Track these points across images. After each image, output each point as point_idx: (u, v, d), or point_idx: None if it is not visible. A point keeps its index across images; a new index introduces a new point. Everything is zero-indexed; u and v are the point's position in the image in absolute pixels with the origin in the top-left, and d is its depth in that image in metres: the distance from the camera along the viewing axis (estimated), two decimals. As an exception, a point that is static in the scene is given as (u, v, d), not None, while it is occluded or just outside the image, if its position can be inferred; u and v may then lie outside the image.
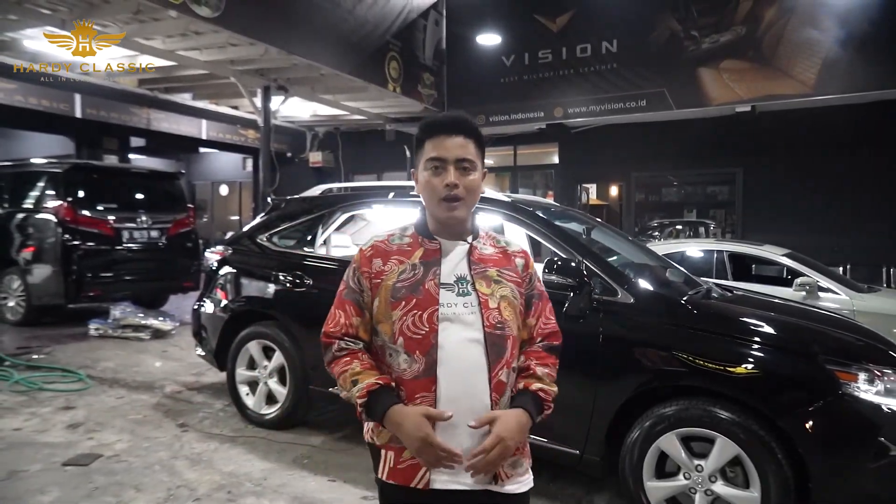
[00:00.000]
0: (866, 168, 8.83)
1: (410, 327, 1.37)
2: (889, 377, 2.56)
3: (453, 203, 1.39)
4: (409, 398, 1.36)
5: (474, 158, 1.42)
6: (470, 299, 1.41)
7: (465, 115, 1.46)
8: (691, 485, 2.68)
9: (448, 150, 1.39)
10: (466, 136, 1.42)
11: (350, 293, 1.47)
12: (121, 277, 7.40)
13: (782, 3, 8.40)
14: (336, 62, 8.60)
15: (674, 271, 3.69)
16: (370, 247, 1.48)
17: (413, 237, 1.48)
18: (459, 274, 1.43)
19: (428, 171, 1.41)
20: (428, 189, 1.41)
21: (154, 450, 3.66)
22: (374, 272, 1.43)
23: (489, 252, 1.50)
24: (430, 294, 1.38)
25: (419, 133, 1.46)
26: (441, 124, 1.43)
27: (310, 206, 4.44)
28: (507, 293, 1.45)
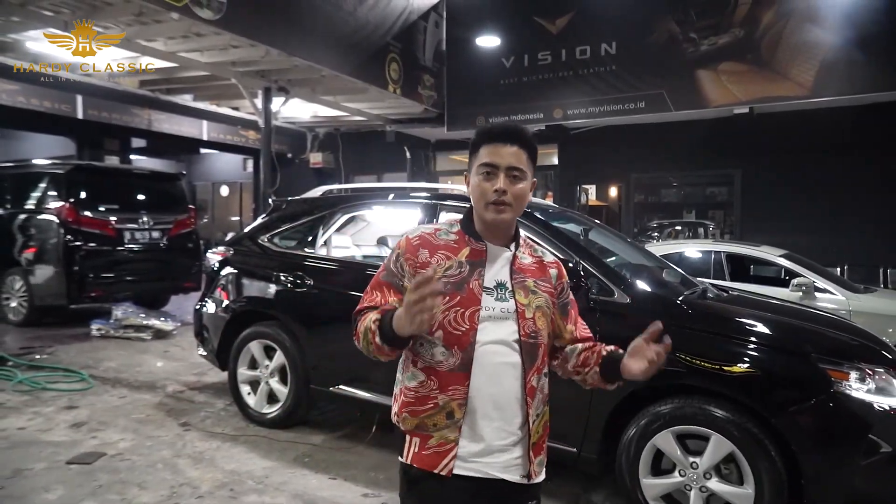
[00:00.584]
0: (863, 170, 8.87)
1: (452, 323, 1.42)
2: (881, 376, 2.61)
3: (501, 207, 1.45)
4: (442, 389, 1.42)
5: (525, 168, 1.47)
6: (507, 306, 1.46)
7: (521, 126, 1.51)
8: (686, 482, 2.73)
9: (501, 157, 1.44)
10: (521, 146, 1.47)
11: (389, 276, 1.52)
12: (122, 278, 7.45)
13: (780, 5, 8.44)
14: (337, 64, 8.64)
15: (670, 272, 3.73)
16: (417, 236, 1.52)
17: (459, 234, 1.53)
18: (500, 280, 1.48)
19: (480, 175, 1.46)
20: (478, 192, 1.47)
21: (157, 448, 3.71)
22: (420, 262, 1.47)
23: (528, 262, 1.55)
24: (473, 294, 1.44)
25: (475, 138, 1.51)
26: (498, 132, 1.48)
27: (311, 207, 4.49)
28: (541, 303, 1.52)
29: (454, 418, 1.43)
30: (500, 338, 1.45)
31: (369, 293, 1.53)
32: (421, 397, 1.44)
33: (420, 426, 1.44)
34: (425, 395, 1.44)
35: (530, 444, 1.49)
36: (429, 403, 1.43)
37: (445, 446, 1.43)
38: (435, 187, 4.66)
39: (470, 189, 1.51)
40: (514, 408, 1.46)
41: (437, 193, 3.94)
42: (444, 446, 1.43)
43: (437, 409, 1.43)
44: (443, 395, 1.42)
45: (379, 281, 1.54)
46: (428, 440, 1.44)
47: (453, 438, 1.43)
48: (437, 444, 1.43)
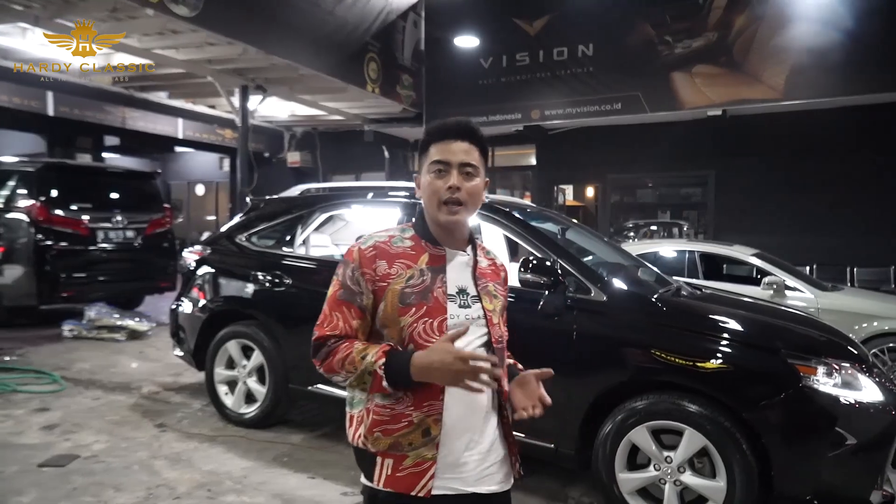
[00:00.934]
0: (832, 171, 9.10)
1: (422, 334, 1.36)
2: (847, 370, 2.69)
3: (455, 207, 1.39)
4: (417, 406, 1.35)
5: (478, 164, 1.42)
6: (471, 312, 1.42)
7: (471, 122, 1.45)
8: (661, 476, 2.78)
9: (453, 153, 1.39)
10: (472, 142, 1.42)
11: (347, 294, 1.41)
12: (95, 278, 7.31)
13: (752, 10, 8.62)
14: (315, 62, 8.60)
15: (646, 270, 3.79)
16: (371, 246, 1.42)
17: (414, 240, 1.46)
18: (461, 286, 1.44)
19: (431, 174, 1.41)
20: (429, 191, 1.41)
21: (133, 450, 3.66)
22: (380, 275, 1.39)
23: (485, 265, 1.53)
24: (438, 302, 1.38)
25: (425, 136, 1.45)
26: (447, 129, 1.42)
27: (289, 206, 4.47)
28: (500, 308, 1.51)
29: (430, 435, 1.36)
30: (470, 347, 1.39)
31: (328, 317, 1.41)
32: (395, 415, 1.36)
33: (394, 446, 1.36)
34: (399, 413, 1.36)
35: (505, 454, 1.48)
36: (403, 421, 1.36)
37: (423, 465, 1.36)
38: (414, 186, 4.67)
39: (421, 190, 1.45)
40: (489, 415, 1.44)
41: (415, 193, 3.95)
42: (421, 465, 1.36)
43: (412, 427, 1.35)
44: (418, 413, 1.35)
45: (336, 300, 1.41)
46: (403, 461, 1.36)
47: (431, 457, 1.36)
48: (414, 463, 1.36)
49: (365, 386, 1.34)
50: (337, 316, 1.40)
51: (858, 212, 8.94)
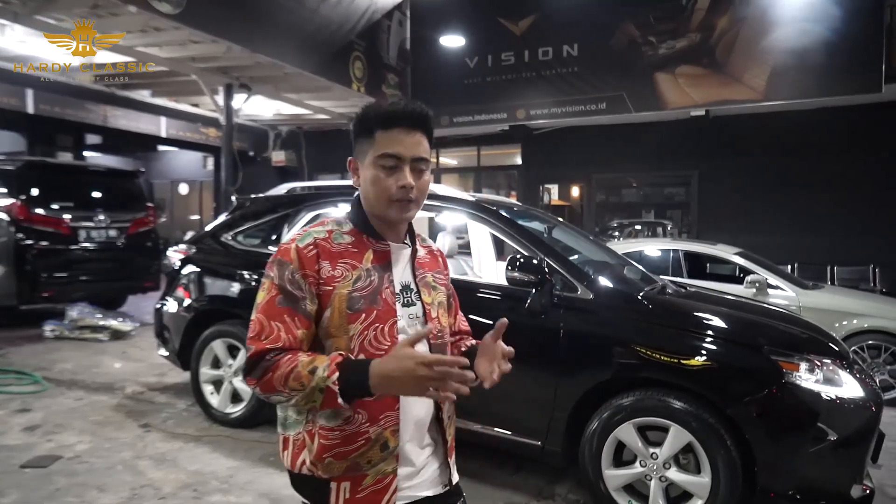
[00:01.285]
0: (812, 171, 9.24)
1: (373, 342, 1.24)
2: (828, 367, 2.73)
3: (406, 204, 1.27)
4: (373, 421, 1.23)
5: (428, 157, 1.30)
6: (415, 310, 1.32)
7: (424, 108, 1.30)
8: (647, 472, 2.81)
9: (406, 147, 1.25)
10: (423, 132, 1.29)
11: (288, 300, 1.23)
12: (77, 278, 7.21)
13: (734, 12, 8.73)
14: (300, 61, 8.55)
15: (631, 269, 3.83)
16: (311, 244, 1.26)
17: (354, 234, 1.31)
18: (405, 282, 1.33)
19: (379, 168, 1.26)
20: (378, 187, 1.26)
21: (116, 450, 3.62)
22: (324, 278, 1.24)
23: (423, 254, 1.42)
24: (388, 304, 1.27)
25: (371, 121, 1.27)
26: (399, 115, 1.26)
27: (274, 204, 4.44)
28: (442, 299, 1.41)
29: (389, 448, 1.25)
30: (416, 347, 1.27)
31: (266, 326, 1.21)
32: (349, 435, 1.23)
33: (351, 468, 1.24)
34: (354, 433, 1.23)
35: (447, 449, 1.39)
36: (359, 440, 1.23)
37: (384, 481, 1.26)
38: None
39: (363, 181, 1.30)
40: (431, 418, 1.35)
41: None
42: (382, 482, 1.25)
43: (370, 443, 1.24)
44: (375, 427, 1.23)
45: (275, 308, 1.22)
46: (362, 481, 1.25)
47: (391, 470, 1.26)
48: (374, 481, 1.25)
49: (313, 404, 1.16)
50: (277, 326, 1.21)
51: (838, 211, 9.09)
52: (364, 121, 1.29)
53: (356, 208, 1.34)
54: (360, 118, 1.30)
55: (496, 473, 3.47)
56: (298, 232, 1.32)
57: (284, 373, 1.16)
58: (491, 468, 3.52)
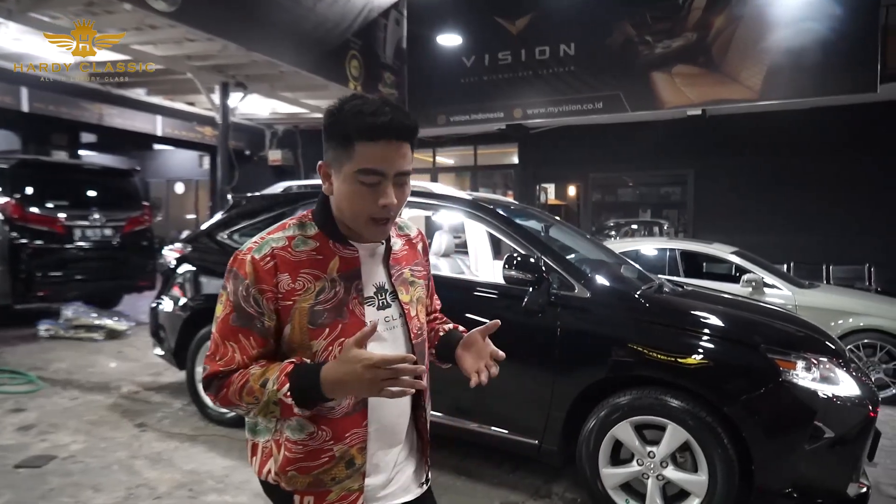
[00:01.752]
0: (808, 171, 9.26)
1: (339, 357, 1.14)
2: (824, 365, 2.74)
3: (385, 223, 1.17)
4: (338, 439, 1.17)
5: (411, 167, 1.17)
6: (391, 312, 1.24)
7: (412, 120, 1.15)
8: (644, 470, 2.81)
9: (390, 162, 1.11)
10: (409, 142, 1.15)
11: (243, 319, 1.14)
12: (72, 277, 7.18)
13: (730, 12, 8.73)
14: (296, 60, 8.53)
15: (628, 268, 3.83)
16: (268, 255, 1.15)
17: (319, 239, 1.20)
18: (378, 284, 1.24)
19: (358, 183, 1.12)
20: (356, 206, 1.14)
21: (112, 450, 3.61)
22: (283, 292, 1.14)
23: (399, 247, 1.32)
24: (355, 316, 1.18)
25: (350, 129, 1.11)
26: (384, 128, 1.10)
27: (271, 203, 4.43)
28: (420, 294, 1.33)
29: (355, 466, 1.19)
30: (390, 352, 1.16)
31: (220, 346, 1.15)
32: (312, 451, 1.17)
33: (314, 483, 1.18)
34: (317, 449, 1.17)
35: (424, 448, 1.33)
36: (323, 457, 1.17)
37: (349, 498, 1.20)
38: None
39: (337, 192, 1.16)
40: (410, 420, 1.29)
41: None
42: (347, 498, 1.20)
43: (334, 461, 1.18)
44: (340, 445, 1.17)
45: (231, 328, 1.15)
46: (326, 496, 1.19)
47: (357, 487, 1.20)
48: (339, 498, 1.19)
49: (274, 415, 1.12)
50: (231, 346, 1.14)
51: (834, 211, 9.11)
52: (340, 125, 1.13)
53: (323, 210, 1.21)
54: (336, 120, 1.14)
55: (493, 472, 3.47)
56: (256, 239, 1.19)
57: (237, 388, 1.12)
58: (488, 467, 3.51)
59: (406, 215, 3.68)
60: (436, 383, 1.40)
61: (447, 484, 3.28)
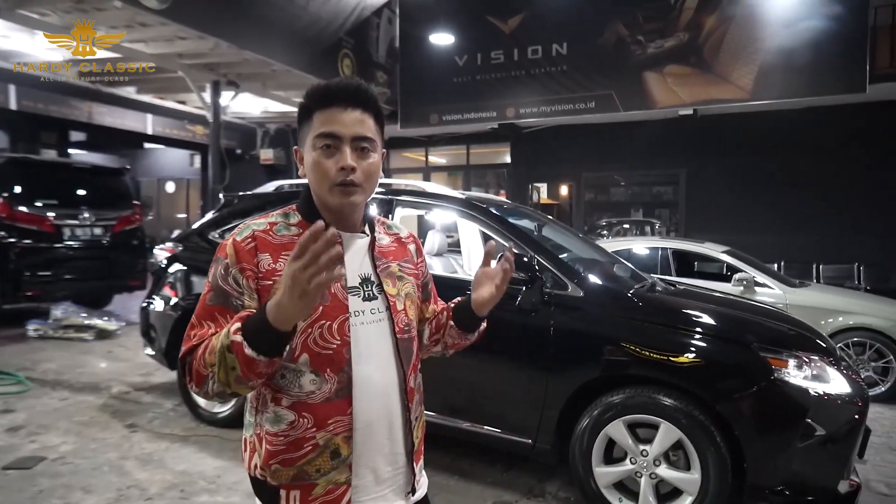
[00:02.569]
0: (799, 170, 9.32)
1: (318, 341, 1.14)
2: (816, 363, 2.75)
3: (350, 188, 1.16)
4: (320, 426, 1.14)
5: (374, 137, 1.19)
6: (377, 304, 1.23)
7: (363, 83, 1.19)
8: (637, 469, 2.82)
9: (344, 124, 1.15)
10: (365, 109, 1.18)
11: (221, 297, 1.13)
12: (61, 277, 7.13)
13: (722, 12, 8.77)
14: (288, 58, 8.50)
15: (621, 266, 3.83)
16: (249, 237, 1.16)
17: (302, 226, 1.21)
18: (364, 274, 1.23)
19: (318, 150, 1.16)
20: (318, 171, 1.16)
21: (102, 451, 3.58)
22: (263, 271, 1.14)
23: (386, 243, 1.33)
24: (338, 300, 1.16)
25: (305, 100, 1.19)
26: (334, 92, 1.17)
27: (263, 202, 4.40)
28: (409, 290, 1.31)
29: (341, 456, 1.16)
30: (376, 345, 1.21)
31: (197, 326, 1.13)
32: (294, 441, 1.14)
33: (299, 476, 1.15)
34: (299, 438, 1.14)
35: (413, 452, 1.27)
36: (306, 446, 1.14)
37: (336, 492, 1.17)
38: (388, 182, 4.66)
39: (305, 168, 1.20)
40: (398, 420, 1.25)
41: (391, 188, 3.93)
42: (334, 492, 1.16)
43: (317, 450, 1.15)
44: (322, 433, 1.14)
45: (207, 308, 1.14)
46: (312, 490, 1.16)
47: (344, 480, 1.17)
48: (325, 492, 1.16)
49: (234, 373, 1.01)
50: (208, 324, 1.12)
51: (824, 210, 9.18)
52: (304, 102, 1.19)
53: (305, 199, 1.25)
54: (301, 102, 1.20)
55: (486, 472, 3.46)
56: (240, 226, 1.22)
57: (202, 352, 1.07)
58: (481, 466, 3.51)
59: (399, 214, 3.69)
60: (428, 382, 1.38)
61: (441, 483, 3.27)
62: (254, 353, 0.99)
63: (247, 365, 1.00)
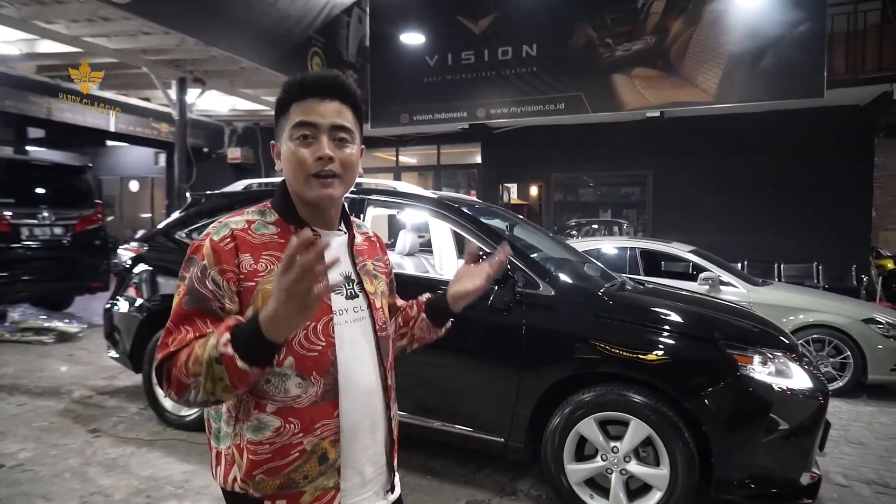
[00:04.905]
0: (761, 172, 9.57)
1: (304, 343, 1.11)
2: (779, 359, 2.83)
3: (327, 179, 1.14)
4: (307, 430, 1.11)
5: (353, 128, 1.18)
6: (359, 302, 1.21)
7: (341, 75, 1.19)
8: (608, 465, 2.85)
9: (321, 114, 1.14)
10: (343, 100, 1.17)
11: (197, 301, 1.08)
12: (19, 278, 6.90)
13: (687, 16, 8.95)
14: (257, 56, 8.37)
15: (591, 266, 3.88)
16: (228, 236, 1.12)
17: (279, 224, 1.18)
18: (345, 272, 1.21)
19: (295, 140, 1.14)
20: (294, 162, 1.14)
21: (63, 457, 3.47)
22: (245, 272, 1.09)
23: (360, 241, 1.32)
24: (322, 300, 1.09)
25: (283, 93, 1.17)
26: (312, 84, 1.16)
27: (231, 201, 4.32)
28: (383, 288, 1.32)
29: (329, 461, 1.13)
30: (359, 345, 1.19)
31: (174, 331, 1.08)
32: (280, 448, 1.10)
33: (286, 485, 1.11)
34: (286, 445, 1.10)
35: (391, 450, 1.27)
36: (293, 453, 1.11)
37: (324, 497, 1.14)
38: (359, 181, 4.63)
39: (283, 161, 1.17)
40: (380, 419, 1.23)
41: (362, 188, 3.91)
42: (322, 498, 1.14)
43: (305, 456, 1.12)
44: (310, 438, 1.11)
45: (183, 312, 1.09)
46: (299, 498, 1.12)
47: (332, 485, 1.14)
48: (313, 499, 1.13)
49: (223, 383, 0.98)
50: (185, 329, 1.07)
51: (785, 211, 9.44)
52: (281, 95, 1.18)
53: (281, 195, 1.21)
54: (278, 96, 1.19)
55: (459, 471, 3.47)
56: (214, 224, 1.15)
57: (184, 360, 1.02)
58: (453, 466, 3.51)
59: (371, 214, 3.66)
60: (400, 381, 1.38)
61: (413, 483, 3.26)
62: (246, 365, 0.97)
63: (238, 376, 0.98)
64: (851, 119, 9.11)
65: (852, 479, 3.56)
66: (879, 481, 3.54)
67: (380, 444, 1.24)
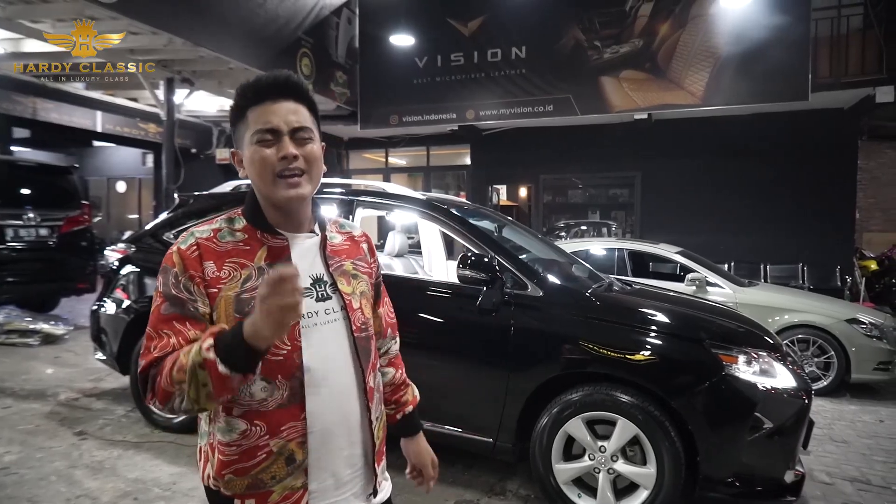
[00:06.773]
0: (748, 174, 9.67)
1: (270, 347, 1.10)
2: (764, 359, 2.86)
3: (294, 179, 1.14)
4: (273, 433, 1.12)
5: (311, 126, 1.18)
6: (331, 304, 1.21)
7: (293, 75, 1.19)
8: (595, 465, 2.88)
9: (279, 116, 1.14)
10: (298, 99, 1.17)
11: (176, 305, 1.11)
12: (3, 279, 6.82)
13: (674, 20, 9.03)
14: (245, 56, 8.35)
15: (579, 267, 3.91)
16: (193, 245, 1.14)
17: (247, 231, 1.18)
18: (316, 274, 1.21)
19: (256, 145, 1.14)
20: (258, 166, 1.14)
21: (49, 460, 3.45)
22: (209, 278, 1.12)
23: (339, 241, 1.30)
24: None
25: (237, 100, 1.18)
26: (265, 87, 1.16)
27: (219, 202, 4.31)
28: (364, 289, 1.30)
29: (296, 461, 1.14)
30: (331, 347, 1.19)
31: (155, 337, 1.10)
32: (248, 450, 1.13)
33: (253, 485, 1.13)
34: (252, 447, 1.13)
35: (374, 453, 1.26)
36: (259, 455, 1.13)
37: (293, 497, 1.15)
38: (349, 183, 4.63)
39: (247, 165, 1.17)
40: (357, 421, 1.23)
41: (351, 189, 3.91)
42: (290, 497, 1.15)
43: (271, 457, 1.13)
44: (276, 440, 1.13)
45: (162, 317, 1.11)
46: (267, 498, 1.14)
47: (300, 485, 1.15)
48: (281, 498, 1.14)
49: (206, 389, 1.00)
50: (167, 334, 1.10)
51: (771, 213, 9.54)
52: (236, 101, 1.18)
53: (250, 203, 1.21)
54: (232, 104, 1.19)
55: (447, 472, 3.48)
56: (183, 234, 1.19)
57: (168, 369, 1.04)
58: (442, 466, 3.49)
59: (360, 215, 3.67)
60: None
61: (401, 484, 3.26)
62: (227, 370, 0.99)
63: (219, 381, 0.99)
64: (835, 122, 9.23)
65: (836, 477, 3.61)
66: (862, 479, 3.59)
67: (357, 446, 1.23)
